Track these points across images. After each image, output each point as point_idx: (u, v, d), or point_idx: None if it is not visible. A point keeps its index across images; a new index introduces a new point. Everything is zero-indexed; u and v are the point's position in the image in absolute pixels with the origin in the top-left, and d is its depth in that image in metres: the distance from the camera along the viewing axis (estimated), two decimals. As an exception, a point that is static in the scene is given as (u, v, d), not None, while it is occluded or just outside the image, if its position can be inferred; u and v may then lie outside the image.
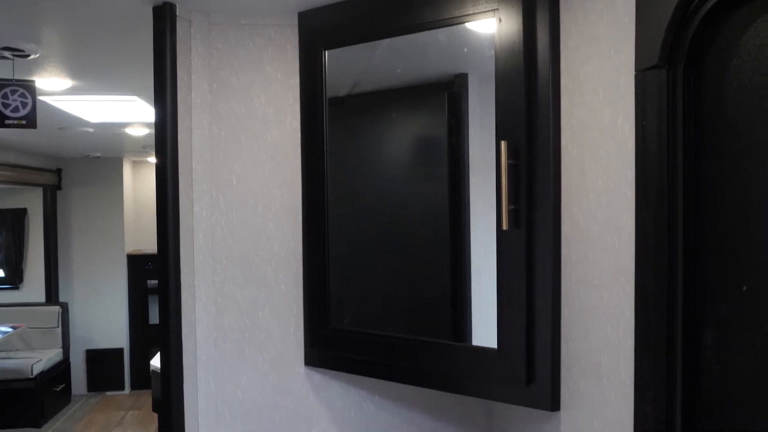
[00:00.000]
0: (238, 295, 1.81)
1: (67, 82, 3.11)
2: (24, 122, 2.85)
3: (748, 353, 0.90)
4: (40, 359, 5.82)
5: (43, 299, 6.55)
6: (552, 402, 1.40)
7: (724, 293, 0.94)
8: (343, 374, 1.86)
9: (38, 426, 5.61)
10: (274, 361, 1.83)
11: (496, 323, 1.44)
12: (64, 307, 6.35)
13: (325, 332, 1.74)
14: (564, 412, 1.39)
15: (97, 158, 6.67)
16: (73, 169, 6.72)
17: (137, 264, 6.77)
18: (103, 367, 6.65)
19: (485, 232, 1.52)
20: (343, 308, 1.73)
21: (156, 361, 3.20)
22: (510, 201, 1.38)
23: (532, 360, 1.41)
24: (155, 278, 6.94)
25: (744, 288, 0.90)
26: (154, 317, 6.76)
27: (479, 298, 1.57)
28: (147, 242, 6.96)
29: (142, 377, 6.67)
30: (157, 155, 1.73)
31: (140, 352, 6.63)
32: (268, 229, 1.82)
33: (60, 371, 6.20)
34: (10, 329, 5.53)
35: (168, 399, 1.68)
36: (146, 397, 6.41)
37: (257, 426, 1.83)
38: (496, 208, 1.40)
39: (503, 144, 1.37)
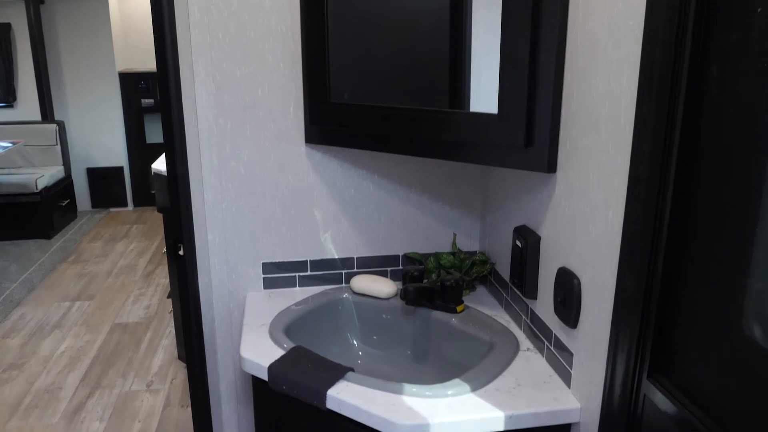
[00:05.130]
0: (237, 73, 1.78)
1: None
2: None
3: (752, 79, 0.90)
4: (43, 175, 5.92)
5: (38, 118, 6.53)
6: (549, 163, 1.43)
7: (736, 18, 0.92)
8: (343, 154, 1.89)
9: (48, 237, 5.83)
10: (274, 139, 1.85)
11: (496, 90, 1.43)
12: (61, 126, 6.35)
13: (324, 107, 1.74)
14: (560, 173, 1.42)
15: (79, -31, 6.34)
16: (55, -18, 6.42)
17: (130, 83, 6.66)
18: (106, 185, 6.78)
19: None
20: (342, 82, 1.71)
21: (157, 165, 3.24)
22: (518, -45, 1.32)
23: (532, 123, 1.42)
24: (149, 97, 6.85)
25: (759, 10, 0.87)
26: (151, 137, 6.79)
27: (478, 66, 1.54)
28: (138, 61, 6.81)
29: (143, 195, 6.84)
30: None
31: (140, 171, 6.74)
32: (265, 3, 1.75)
33: (63, 187, 6.32)
34: (9, 144, 5.55)
35: (173, 172, 1.71)
36: (149, 213, 6.62)
37: (259, 201, 1.89)
38: (503, -37, 1.34)
39: None
